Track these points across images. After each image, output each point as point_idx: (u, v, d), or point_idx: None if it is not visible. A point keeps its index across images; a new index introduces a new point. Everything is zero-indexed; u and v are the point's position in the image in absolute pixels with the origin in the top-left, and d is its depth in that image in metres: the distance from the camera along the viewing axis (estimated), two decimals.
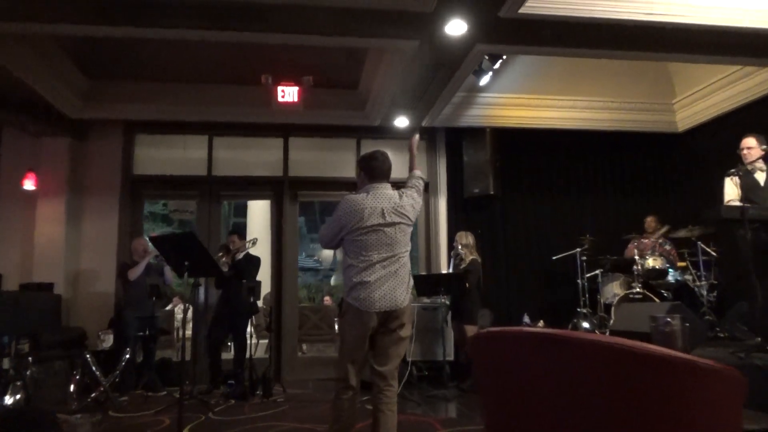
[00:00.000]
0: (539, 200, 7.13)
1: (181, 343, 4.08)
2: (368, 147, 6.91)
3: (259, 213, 9.58)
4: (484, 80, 6.34)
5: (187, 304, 7.71)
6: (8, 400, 4.17)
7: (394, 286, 2.75)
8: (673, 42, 4.76)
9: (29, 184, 6.33)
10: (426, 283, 5.66)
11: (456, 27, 4.60)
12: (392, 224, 2.79)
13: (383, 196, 2.84)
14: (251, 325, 5.54)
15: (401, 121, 6.68)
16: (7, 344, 4.62)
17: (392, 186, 2.93)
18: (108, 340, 5.77)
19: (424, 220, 7.16)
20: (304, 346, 7.41)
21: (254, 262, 5.79)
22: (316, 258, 13.72)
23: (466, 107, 6.80)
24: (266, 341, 6.08)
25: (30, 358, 4.65)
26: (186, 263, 3.60)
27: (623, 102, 7.00)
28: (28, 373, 4.56)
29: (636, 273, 5.85)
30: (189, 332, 7.09)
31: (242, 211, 10.18)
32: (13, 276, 6.19)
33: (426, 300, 6.07)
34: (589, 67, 6.47)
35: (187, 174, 6.86)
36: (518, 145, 7.06)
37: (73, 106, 6.22)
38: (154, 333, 5.88)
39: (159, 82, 6.35)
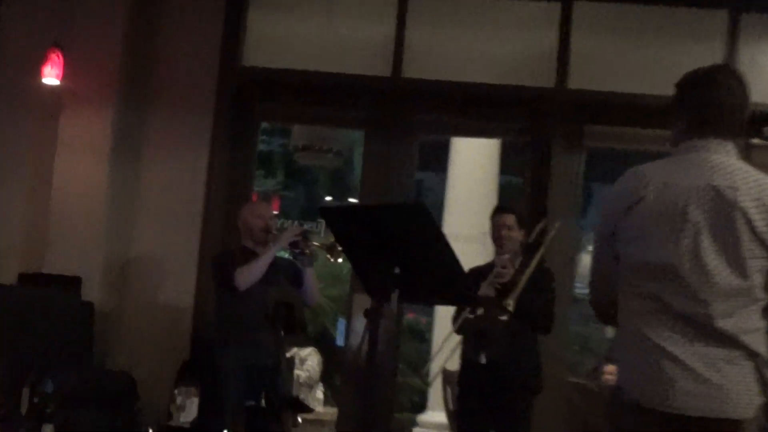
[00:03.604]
0: None
1: None
2: (753, 36, 5.89)
3: (468, 161, 8.27)
4: None
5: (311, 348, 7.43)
6: None
7: (725, 369, 2.31)
8: None
9: (51, 74, 5.49)
10: None
11: None
12: (731, 230, 2.33)
13: (714, 167, 2.39)
14: None
15: None
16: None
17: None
18: (190, 409, 5.34)
19: None
20: None
21: (548, 276, 5.05)
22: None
23: None
24: None
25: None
26: (396, 271, 2.90)
27: None
28: None
29: None
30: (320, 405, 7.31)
31: (432, 154, 8.94)
32: (10, 257, 5.72)
33: None
34: None
35: (347, 72, 5.90)
36: None
37: None
38: (279, 404, 5.15)
39: None
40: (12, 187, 5.79)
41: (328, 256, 5.16)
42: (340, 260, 5.37)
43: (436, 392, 7.73)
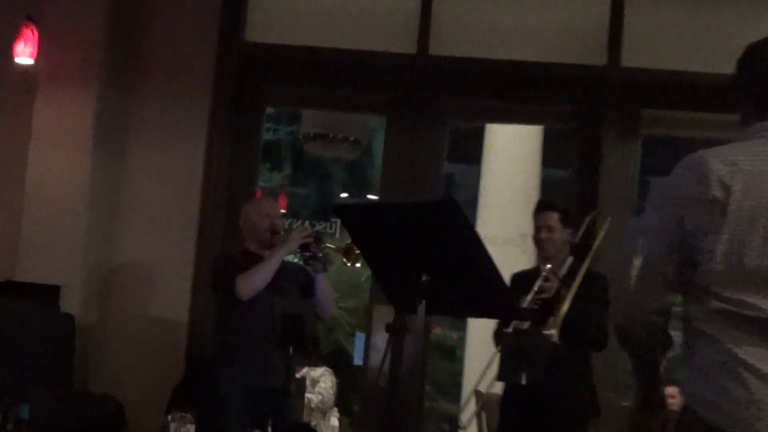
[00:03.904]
0: None
1: None
2: None
3: (505, 151, 8.11)
4: None
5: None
6: None
7: None
8: None
9: (24, 52, 5.49)
10: None
11: None
12: None
13: None
14: None
15: None
16: None
17: None
18: None
19: None
20: None
21: (602, 284, 4.88)
22: None
23: None
24: None
25: None
26: (424, 278, 2.90)
27: None
28: None
29: None
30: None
31: (464, 144, 8.93)
32: None
33: None
34: None
35: (366, 49, 5.83)
36: None
37: None
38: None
39: None
40: None
41: (345, 260, 5.10)
42: (357, 265, 5.39)
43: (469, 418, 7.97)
